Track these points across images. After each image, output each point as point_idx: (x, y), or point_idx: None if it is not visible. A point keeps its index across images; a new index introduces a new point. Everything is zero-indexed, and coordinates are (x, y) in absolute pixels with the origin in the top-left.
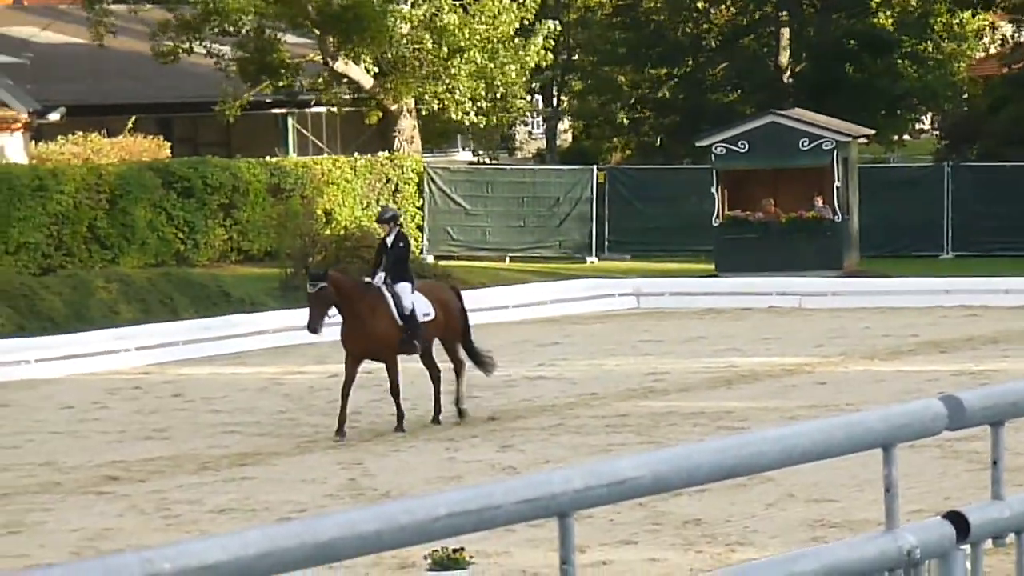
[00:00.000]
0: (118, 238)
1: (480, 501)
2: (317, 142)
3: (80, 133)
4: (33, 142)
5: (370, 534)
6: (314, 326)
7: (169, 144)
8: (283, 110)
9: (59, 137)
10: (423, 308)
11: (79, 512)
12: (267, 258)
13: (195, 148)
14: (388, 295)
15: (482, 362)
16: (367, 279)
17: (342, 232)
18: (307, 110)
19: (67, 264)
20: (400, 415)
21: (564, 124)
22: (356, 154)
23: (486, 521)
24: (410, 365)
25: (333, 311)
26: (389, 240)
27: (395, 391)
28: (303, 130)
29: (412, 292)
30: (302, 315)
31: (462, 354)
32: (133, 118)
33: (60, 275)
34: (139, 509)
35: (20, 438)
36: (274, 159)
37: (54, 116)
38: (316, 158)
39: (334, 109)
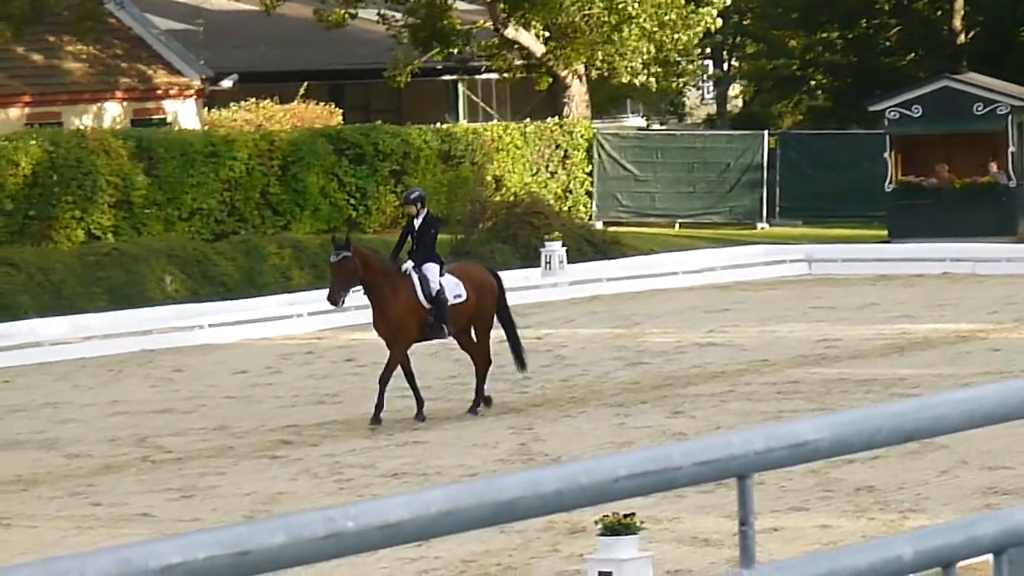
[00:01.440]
0: (290, 204)
1: (659, 463)
2: (487, 108)
3: (252, 100)
4: (206, 109)
5: (550, 494)
6: (334, 297)
7: (341, 111)
8: (453, 76)
9: (231, 104)
10: (454, 290)
11: (252, 476)
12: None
13: (366, 115)
14: (415, 276)
15: (518, 353)
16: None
17: (512, 199)
18: (477, 76)
19: (240, 230)
20: (379, 406)
21: (735, 89)
22: (526, 120)
23: (665, 483)
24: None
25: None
26: (417, 222)
27: (384, 379)
28: (473, 96)
29: (442, 273)
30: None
31: (490, 346)
32: (305, 85)
33: (233, 241)
34: (312, 473)
35: (193, 403)
36: (444, 125)
37: (227, 83)
38: (486, 124)
39: (504, 75)
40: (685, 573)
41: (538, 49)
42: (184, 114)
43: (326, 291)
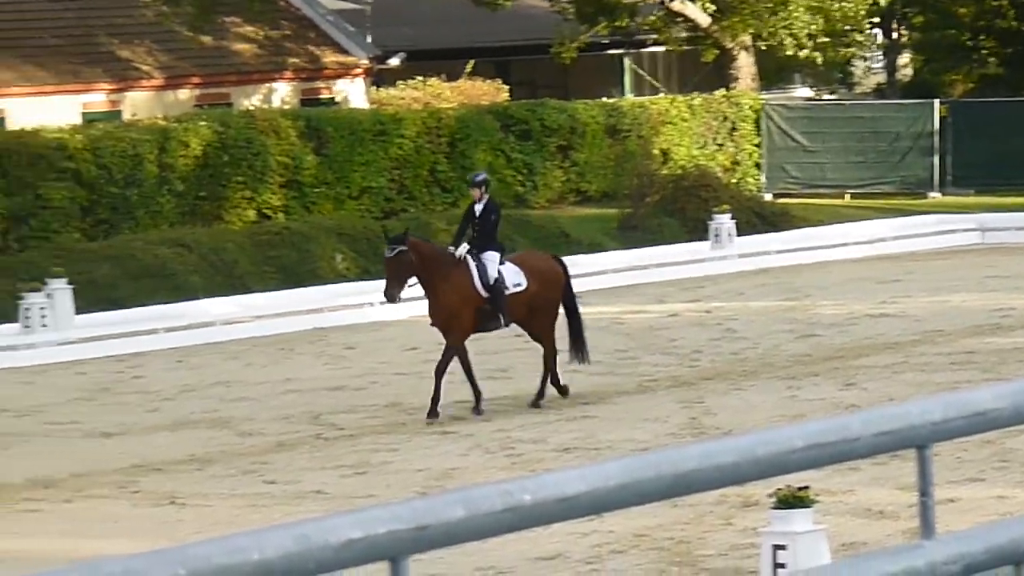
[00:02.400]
0: (458, 181)
1: (836, 433)
2: (653, 82)
3: (420, 78)
4: (374, 87)
5: (728, 466)
6: (391, 293)
7: (507, 87)
8: (619, 51)
9: (399, 82)
10: (514, 278)
11: (424, 452)
12: (604, 199)
13: (533, 91)
14: (472, 264)
15: (578, 345)
16: (450, 248)
17: (679, 172)
18: (643, 50)
19: (409, 208)
20: (435, 399)
21: (904, 58)
22: (693, 93)
23: (842, 454)
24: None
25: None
26: (478, 207)
27: (440, 371)
28: (639, 70)
29: (502, 262)
30: (642, 255)
31: (554, 336)
32: (471, 62)
33: (402, 218)
34: (483, 448)
35: (365, 379)
36: (611, 100)
37: (394, 61)
38: (653, 98)
39: (670, 48)
40: (860, 545)
41: (704, 21)
42: (352, 93)
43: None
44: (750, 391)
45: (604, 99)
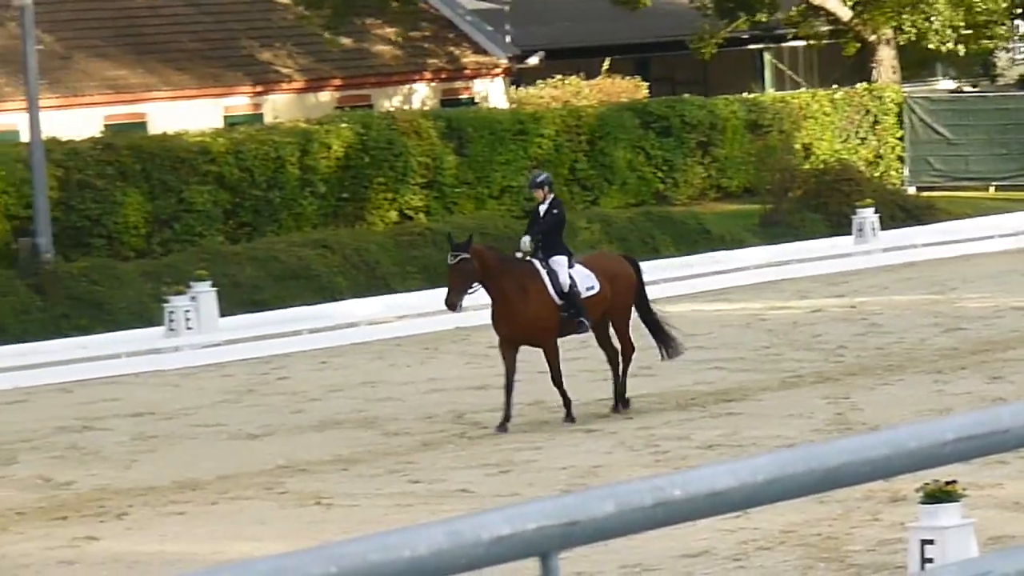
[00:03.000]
0: (598, 179)
1: (987, 425)
2: (794, 76)
3: (559, 76)
4: (513, 87)
5: (879, 459)
6: (452, 301)
7: (646, 84)
8: (759, 45)
9: (538, 81)
10: (585, 282)
11: (568, 450)
12: (745, 194)
13: (672, 87)
14: (543, 271)
15: (665, 340)
16: (518, 254)
17: (821, 166)
18: (783, 44)
19: None
20: (567, 403)
21: None
22: (834, 87)
23: (993, 446)
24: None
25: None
26: (542, 208)
27: (557, 380)
28: (779, 65)
29: (571, 265)
30: (784, 251)
31: (632, 336)
32: (609, 59)
33: None
34: (627, 446)
35: None
36: (751, 95)
37: (533, 60)
38: (793, 92)
39: (811, 42)
40: (1008, 539)
41: (845, 15)
42: (492, 92)
43: (643, 262)
44: (896, 386)
45: (744, 94)
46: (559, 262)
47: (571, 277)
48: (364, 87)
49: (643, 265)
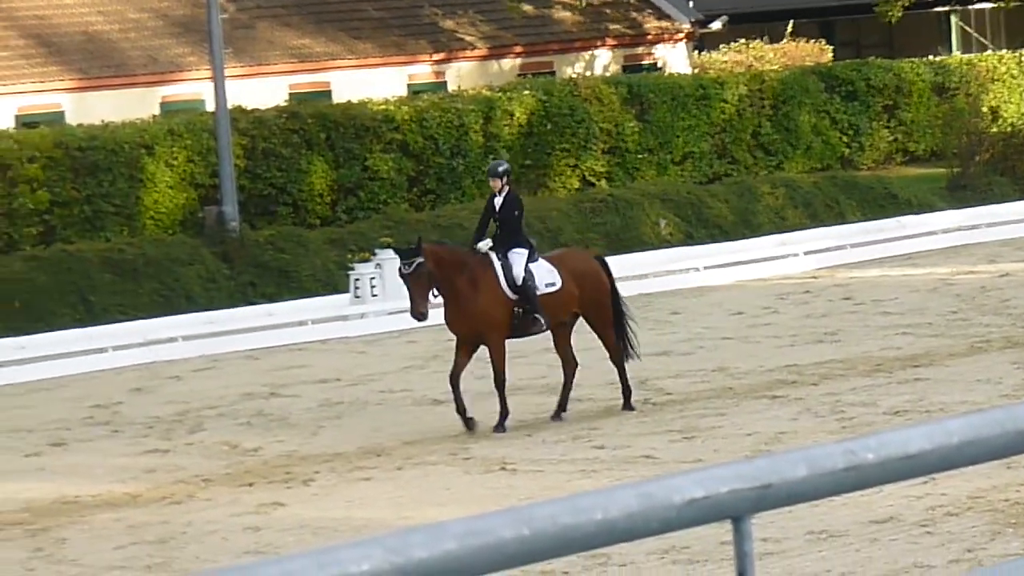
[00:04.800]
0: (782, 144)
1: None
2: (981, 39)
3: (742, 40)
4: (696, 52)
5: None
6: (417, 311)
7: (831, 47)
8: (946, 8)
9: (721, 46)
10: (545, 277)
11: (752, 416)
12: (932, 158)
13: (857, 50)
14: (497, 263)
15: (625, 346)
16: (474, 248)
17: (1009, 129)
18: (970, 7)
19: (732, 172)
20: (504, 412)
21: None
22: (1022, 49)
23: None
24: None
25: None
26: (499, 200)
27: (499, 382)
28: (966, 27)
29: (533, 259)
30: (972, 215)
31: (613, 336)
32: (793, 23)
33: (726, 183)
34: (813, 412)
35: (691, 344)
36: (937, 58)
37: (716, 25)
38: (980, 55)
39: (1000, 4)
40: None
41: None
42: (674, 58)
43: (813, 231)
44: None
45: (930, 57)
46: (517, 254)
47: (529, 271)
48: (546, 54)
49: (826, 231)
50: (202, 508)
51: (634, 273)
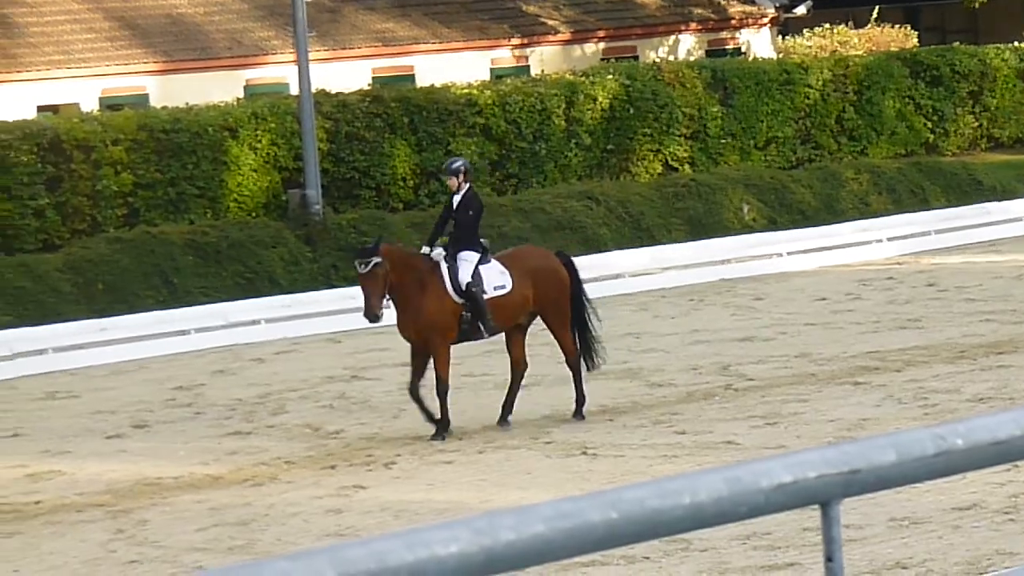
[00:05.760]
0: (866, 129)
1: None
2: None
3: (826, 25)
4: (780, 37)
5: None
6: (372, 311)
7: (916, 33)
8: None
9: (805, 30)
10: (495, 280)
11: (835, 402)
12: (1017, 144)
13: (942, 36)
14: (443, 267)
15: (588, 350)
16: (424, 249)
17: None
18: None
19: (815, 157)
20: (443, 422)
21: None
22: None
23: None
24: None
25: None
26: (456, 199)
27: (441, 390)
28: None
29: (485, 260)
30: None
31: (570, 337)
32: (878, 8)
33: (809, 168)
34: (896, 399)
35: (774, 330)
36: (1022, 44)
37: (800, 10)
38: None
39: None
40: None
41: None
42: (758, 43)
43: (897, 217)
44: None
45: (1015, 43)
46: (465, 257)
47: (477, 275)
48: (629, 38)
49: (909, 217)
50: (284, 490)
51: (717, 259)
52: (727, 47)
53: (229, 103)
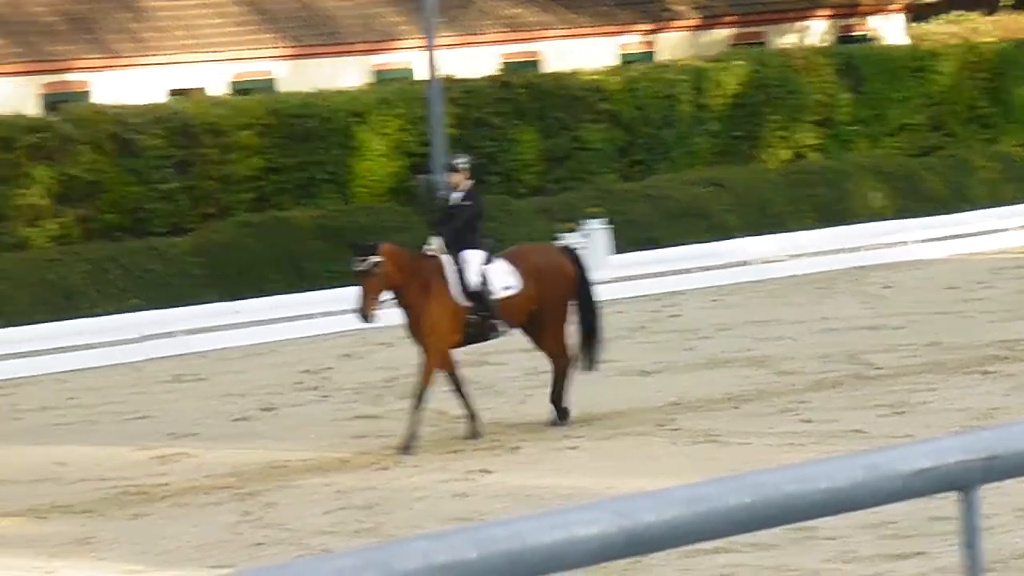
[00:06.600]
0: (998, 117)
1: None
2: None
3: (959, 12)
4: (912, 23)
5: None
6: (365, 311)
7: None
8: None
9: (938, 17)
10: (502, 280)
11: (964, 392)
12: None
13: None
14: (449, 270)
15: (590, 350)
16: (426, 248)
17: None
18: None
19: (946, 144)
20: (411, 433)
21: None
22: None
23: None
24: None
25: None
26: (458, 195)
27: (418, 394)
28: None
29: (490, 260)
30: None
31: (573, 337)
32: None
33: (940, 156)
34: None
35: (903, 319)
36: None
37: None
38: None
39: None
40: None
41: None
42: (888, 29)
43: None
44: None
45: None
46: (470, 257)
47: (484, 275)
48: (759, 24)
49: None
50: (410, 474)
51: (846, 246)
52: (856, 33)
53: (358, 88)
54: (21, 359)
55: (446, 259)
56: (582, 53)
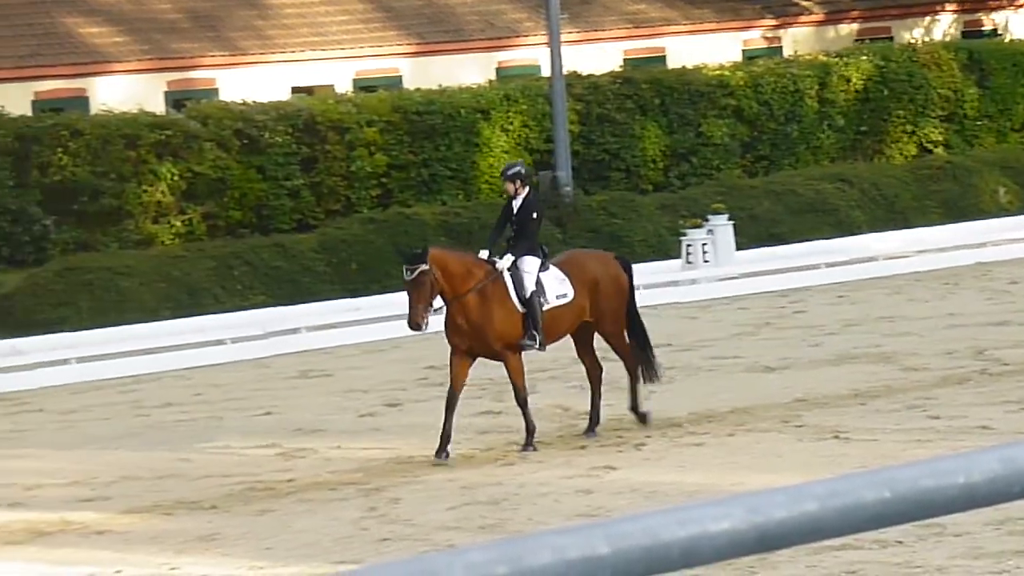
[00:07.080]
0: None
1: None
2: None
3: None
4: None
5: None
6: (416, 320)
7: None
8: None
9: None
10: (556, 288)
11: None
12: None
13: None
14: (507, 275)
15: (648, 362)
16: (482, 252)
17: None
18: None
19: None
20: (529, 429)
21: None
22: None
23: None
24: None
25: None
26: (516, 203)
27: (521, 399)
28: None
29: (545, 268)
30: None
31: (626, 344)
32: None
33: None
34: None
35: None
36: None
37: None
38: None
39: None
40: None
41: None
42: (1015, 23)
43: None
44: None
45: None
46: (528, 264)
47: (540, 284)
48: (884, 19)
49: None
50: (534, 470)
51: (972, 242)
52: (983, 28)
53: (481, 85)
54: (146, 356)
55: (503, 263)
56: (705, 49)
